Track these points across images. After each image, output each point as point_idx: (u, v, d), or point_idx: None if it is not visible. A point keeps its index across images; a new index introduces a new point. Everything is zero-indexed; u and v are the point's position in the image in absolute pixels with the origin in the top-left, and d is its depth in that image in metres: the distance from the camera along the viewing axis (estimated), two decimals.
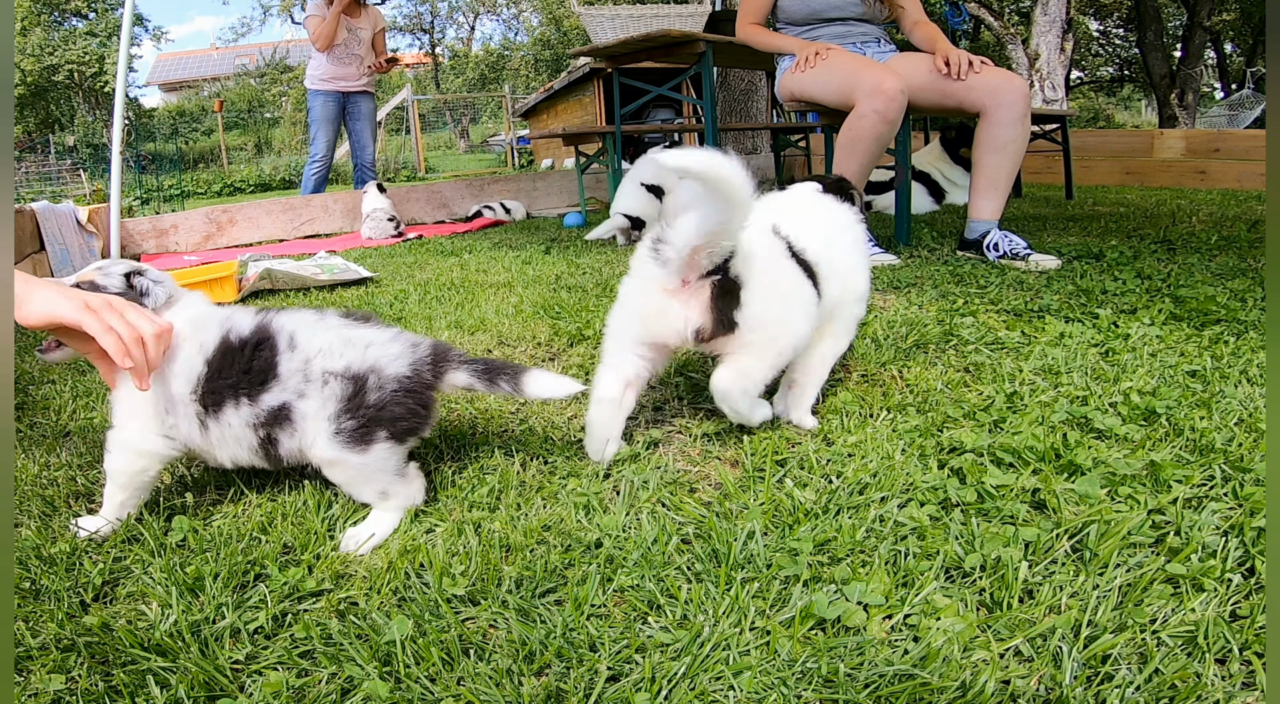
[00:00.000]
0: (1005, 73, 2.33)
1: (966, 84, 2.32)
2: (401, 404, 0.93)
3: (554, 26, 24.68)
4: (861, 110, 2.32)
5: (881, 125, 2.32)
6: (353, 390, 0.91)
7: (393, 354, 0.95)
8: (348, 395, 0.91)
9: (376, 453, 0.92)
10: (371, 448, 0.92)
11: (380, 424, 0.92)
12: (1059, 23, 8.53)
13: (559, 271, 2.47)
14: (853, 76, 2.36)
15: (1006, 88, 2.27)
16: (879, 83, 2.29)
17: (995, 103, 2.28)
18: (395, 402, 0.92)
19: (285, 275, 2.46)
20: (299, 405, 0.92)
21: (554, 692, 0.67)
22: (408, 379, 0.93)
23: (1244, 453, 0.99)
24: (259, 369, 0.93)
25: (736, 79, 7.00)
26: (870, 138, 2.34)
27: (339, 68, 4.64)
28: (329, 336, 0.95)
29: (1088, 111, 20.80)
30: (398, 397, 0.93)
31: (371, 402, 0.91)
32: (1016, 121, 2.28)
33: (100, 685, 0.70)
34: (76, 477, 1.12)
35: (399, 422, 0.93)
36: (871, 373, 1.38)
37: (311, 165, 4.84)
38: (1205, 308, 1.62)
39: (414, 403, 0.94)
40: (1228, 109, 11.37)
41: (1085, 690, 0.64)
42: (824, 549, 0.85)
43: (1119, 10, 16.88)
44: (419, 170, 14.26)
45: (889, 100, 2.28)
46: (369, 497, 0.95)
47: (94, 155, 12.42)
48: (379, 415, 0.92)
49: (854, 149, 2.39)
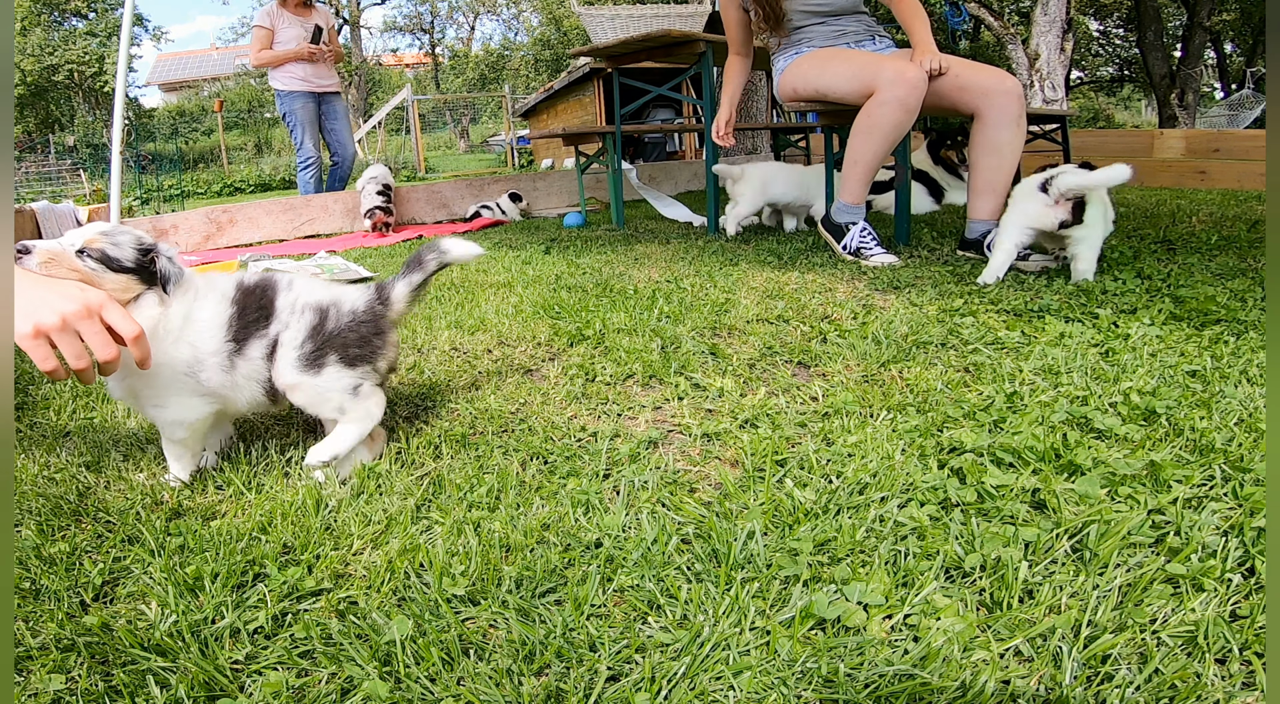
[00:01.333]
0: (998, 74, 2.31)
1: (959, 86, 2.31)
2: (354, 331, 1.09)
3: (554, 26, 24.68)
4: (883, 97, 2.29)
5: (901, 112, 2.29)
6: (318, 320, 1.07)
7: (353, 294, 1.13)
8: (313, 324, 1.07)
9: (328, 375, 1.06)
10: (324, 371, 1.06)
11: (333, 348, 1.07)
12: (1059, 23, 8.53)
13: (559, 271, 2.47)
14: (874, 64, 2.34)
15: (999, 90, 2.26)
16: (902, 71, 2.27)
17: (988, 105, 2.27)
18: (349, 329, 1.08)
19: None
20: (284, 336, 1.06)
21: (554, 692, 0.67)
22: (361, 311, 1.11)
23: (1244, 453, 0.99)
24: (267, 305, 1.08)
25: None
26: (890, 125, 2.31)
27: (311, 67, 4.62)
28: (311, 282, 1.14)
29: (1088, 111, 20.82)
30: (351, 326, 1.09)
31: (329, 329, 1.07)
32: (1011, 123, 2.27)
33: (100, 685, 0.70)
34: (78, 475, 1.12)
35: (349, 347, 1.08)
36: (871, 373, 1.38)
37: (305, 168, 4.83)
38: (1205, 308, 1.62)
39: (366, 331, 1.10)
40: (1228, 109, 11.38)
41: (1085, 690, 0.64)
42: (824, 549, 0.85)
43: (1119, 10, 16.88)
44: (419, 170, 14.26)
45: (911, 87, 2.26)
46: (329, 414, 1.09)
47: (94, 155, 12.42)
48: (332, 341, 1.07)
49: (870, 136, 2.35)
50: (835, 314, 1.76)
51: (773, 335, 1.62)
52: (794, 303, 1.86)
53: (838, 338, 1.58)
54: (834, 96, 2.53)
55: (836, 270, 2.26)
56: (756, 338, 1.60)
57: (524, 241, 3.44)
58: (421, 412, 1.32)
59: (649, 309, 1.84)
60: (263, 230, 4.48)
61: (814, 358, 1.47)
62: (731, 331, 1.67)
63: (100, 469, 1.14)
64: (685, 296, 1.98)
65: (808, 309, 1.80)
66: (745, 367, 1.45)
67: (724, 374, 1.40)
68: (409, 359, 1.59)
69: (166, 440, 1.08)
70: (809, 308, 1.81)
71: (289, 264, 2.70)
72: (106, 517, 1.00)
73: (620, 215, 3.90)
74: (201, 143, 19.77)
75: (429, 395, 1.38)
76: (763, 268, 2.33)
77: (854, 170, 2.45)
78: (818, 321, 1.70)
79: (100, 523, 0.99)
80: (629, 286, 2.14)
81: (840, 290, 1.99)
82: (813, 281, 2.10)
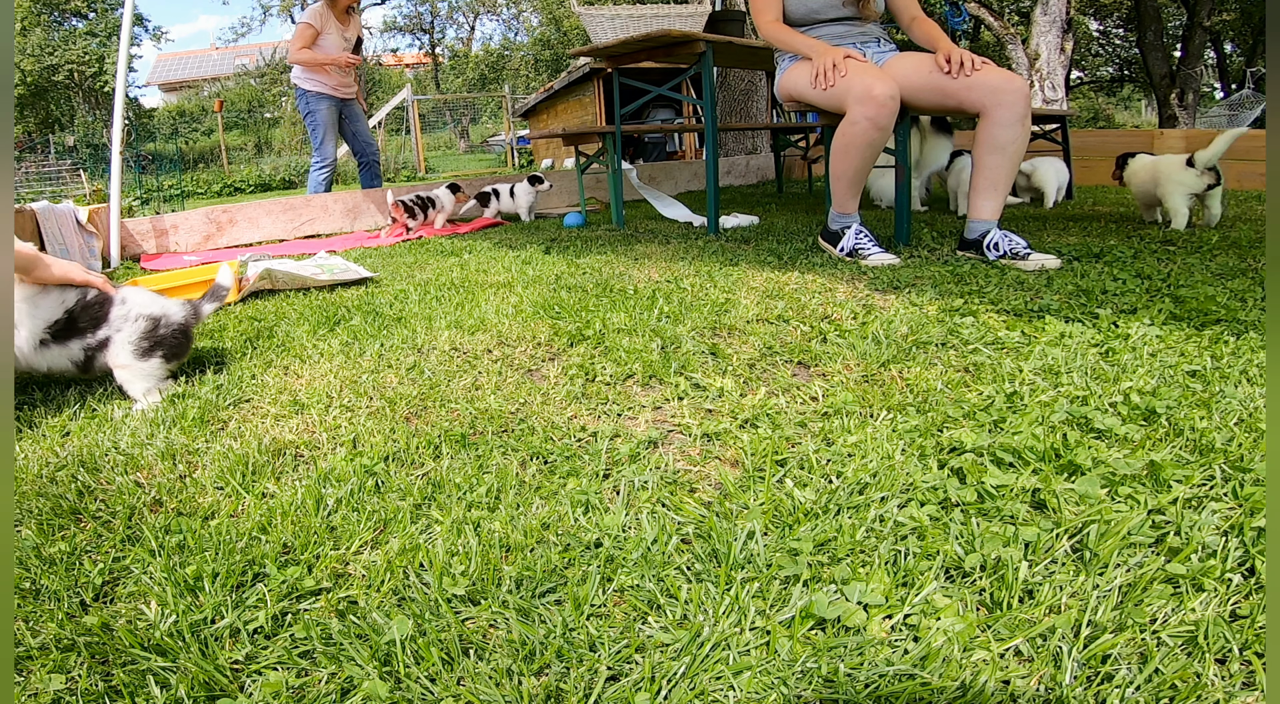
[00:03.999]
0: (1005, 73, 2.32)
1: (966, 84, 2.31)
2: (175, 337, 1.50)
3: (554, 26, 24.69)
4: (853, 116, 2.32)
5: (873, 132, 2.31)
6: (151, 327, 1.47)
7: (176, 307, 1.54)
8: (148, 329, 1.46)
9: (153, 364, 1.47)
10: (150, 360, 1.46)
11: (161, 347, 1.48)
12: (1059, 23, 8.53)
13: (559, 271, 2.47)
14: (846, 81, 2.35)
15: (1007, 88, 2.26)
16: (869, 89, 2.27)
17: (995, 103, 2.27)
18: (172, 335, 1.49)
19: (285, 275, 2.46)
20: (116, 337, 1.45)
21: (554, 691, 0.67)
22: (183, 322, 1.53)
23: (1244, 453, 0.99)
24: (102, 315, 1.46)
25: (736, 79, 7.00)
26: (862, 144, 2.35)
27: (339, 75, 4.63)
28: (146, 297, 1.53)
29: (1088, 111, 20.82)
30: (174, 332, 1.50)
31: (159, 334, 1.48)
32: (1016, 122, 2.27)
33: (100, 685, 0.70)
34: (78, 475, 1.12)
35: (171, 347, 1.49)
36: (871, 373, 1.38)
37: (321, 170, 4.82)
38: (1205, 308, 1.62)
39: (183, 337, 1.52)
40: (1228, 109, 11.38)
41: (1085, 690, 0.64)
42: (824, 549, 0.85)
43: (1119, 10, 16.88)
44: (419, 170, 14.26)
45: (879, 107, 2.27)
46: (139, 391, 1.46)
47: (94, 155, 12.41)
48: (160, 341, 1.48)
49: (847, 154, 2.40)
50: (835, 314, 1.76)
51: (773, 335, 1.62)
52: (794, 303, 1.86)
53: (838, 338, 1.58)
54: (818, 108, 2.56)
55: (836, 270, 2.26)
56: (756, 338, 1.60)
57: (524, 241, 3.44)
58: (421, 411, 1.32)
59: (649, 309, 1.84)
60: (263, 230, 4.48)
61: (814, 358, 1.47)
62: (731, 332, 1.67)
63: (100, 469, 1.14)
64: (685, 296, 1.98)
65: (808, 309, 1.80)
66: (745, 367, 1.45)
67: (724, 374, 1.40)
68: (409, 359, 1.59)
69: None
70: (809, 308, 1.81)
71: (289, 264, 2.69)
72: (106, 517, 1.00)
73: (620, 215, 3.90)
74: (201, 143, 19.77)
75: (429, 395, 1.38)
76: (763, 268, 2.33)
77: (837, 185, 2.52)
78: (818, 321, 1.70)
79: (100, 523, 0.99)
80: (629, 286, 2.14)
81: (840, 290, 1.99)
82: (813, 282, 2.10)
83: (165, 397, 1.46)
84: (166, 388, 1.50)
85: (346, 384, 1.46)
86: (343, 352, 1.68)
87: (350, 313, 2.05)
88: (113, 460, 1.16)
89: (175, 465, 1.14)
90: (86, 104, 20.17)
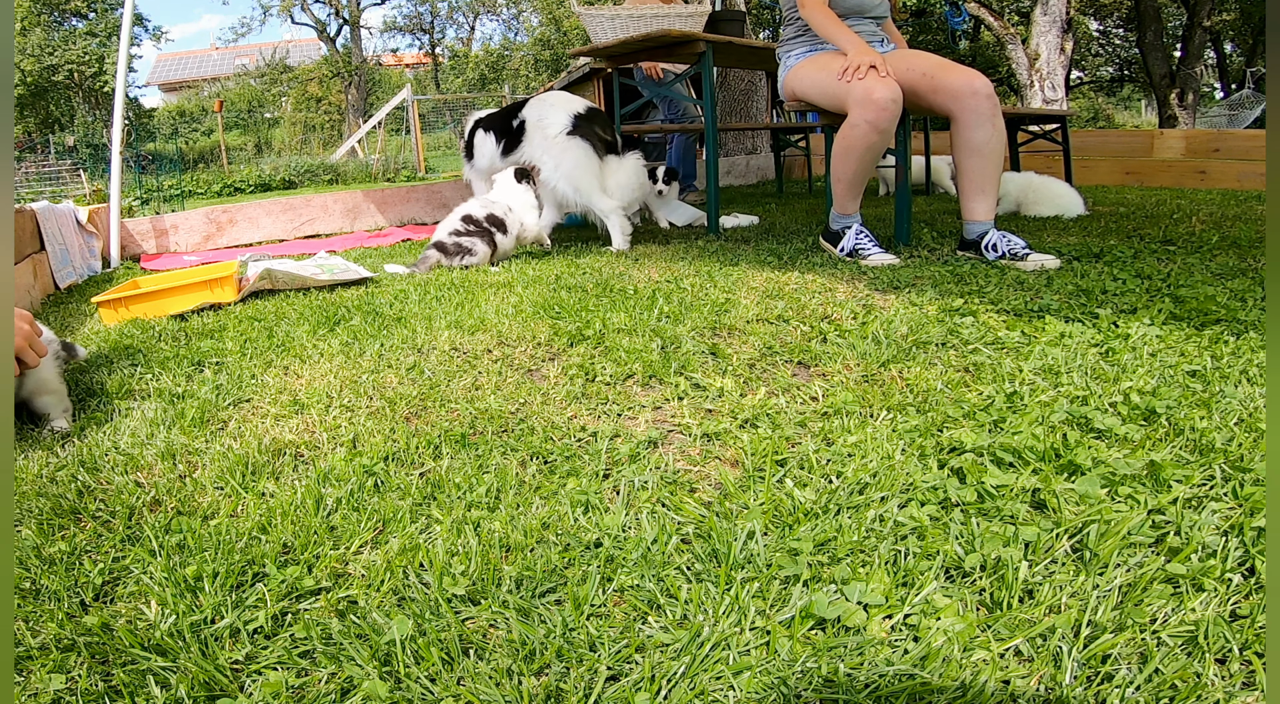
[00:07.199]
0: (968, 75, 2.29)
1: (932, 87, 2.31)
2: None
3: (554, 26, 24.68)
4: (853, 119, 2.32)
5: (873, 135, 2.30)
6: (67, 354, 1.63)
7: (59, 343, 1.56)
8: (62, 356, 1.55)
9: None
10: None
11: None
12: (1059, 23, 8.53)
13: (559, 271, 2.47)
14: (846, 84, 2.35)
15: (967, 90, 2.25)
16: (869, 92, 2.26)
17: (960, 107, 2.27)
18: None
19: (285, 275, 2.46)
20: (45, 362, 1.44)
21: (554, 691, 0.67)
22: (65, 352, 1.61)
23: (1244, 453, 0.99)
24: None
25: (736, 79, 6.99)
26: (862, 147, 2.34)
27: None
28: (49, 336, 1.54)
29: (1088, 111, 20.82)
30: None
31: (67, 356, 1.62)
32: (985, 122, 2.26)
33: (100, 685, 0.70)
34: (78, 475, 1.12)
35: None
36: (871, 373, 1.38)
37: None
38: (1205, 308, 1.62)
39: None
40: (1228, 109, 11.38)
41: (1085, 690, 0.64)
42: (824, 549, 0.85)
43: (1119, 10, 16.88)
44: (419, 170, 14.25)
45: (879, 110, 2.26)
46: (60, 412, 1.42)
47: (94, 155, 12.41)
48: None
49: (847, 157, 2.40)
50: (835, 314, 1.76)
51: (773, 335, 1.62)
52: (794, 303, 1.86)
53: (838, 338, 1.58)
54: (819, 108, 2.56)
55: (836, 270, 2.26)
56: (756, 338, 1.60)
57: None
58: (421, 411, 1.32)
59: (649, 309, 1.84)
60: (263, 230, 4.48)
61: (814, 358, 1.47)
62: (731, 332, 1.67)
63: (100, 469, 1.14)
64: (685, 296, 1.98)
65: (808, 309, 1.80)
66: (745, 367, 1.44)
67: (724, 374, 1.40)
68: (409, 359, 1.59)
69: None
70: (809, 308, 1.81)
71: (289, 264, 2.69)
72: (106, 516, 1.00)
73: None
74: (201, 143, 19.74)
75: (429, 395, 1.38)
76: (763, 268, 2.33)
77: (837, 186, 2.52)
78: (818, 321, 1.70)
79: (100, 523, 0.99)
80: (629, 286, 2.14)
81: (840, 290, 1.99)
82: (813, 282, 2.10)
83: (165, 396, 1.44)
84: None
85: (346, 384, 1.46)
86: (343, 352, 1.68)
87: (350, 313, 2.05)
88: (112, 460, 1.16)
89: (175, 465, 1.14)
90: (86, 104, 20.16)
